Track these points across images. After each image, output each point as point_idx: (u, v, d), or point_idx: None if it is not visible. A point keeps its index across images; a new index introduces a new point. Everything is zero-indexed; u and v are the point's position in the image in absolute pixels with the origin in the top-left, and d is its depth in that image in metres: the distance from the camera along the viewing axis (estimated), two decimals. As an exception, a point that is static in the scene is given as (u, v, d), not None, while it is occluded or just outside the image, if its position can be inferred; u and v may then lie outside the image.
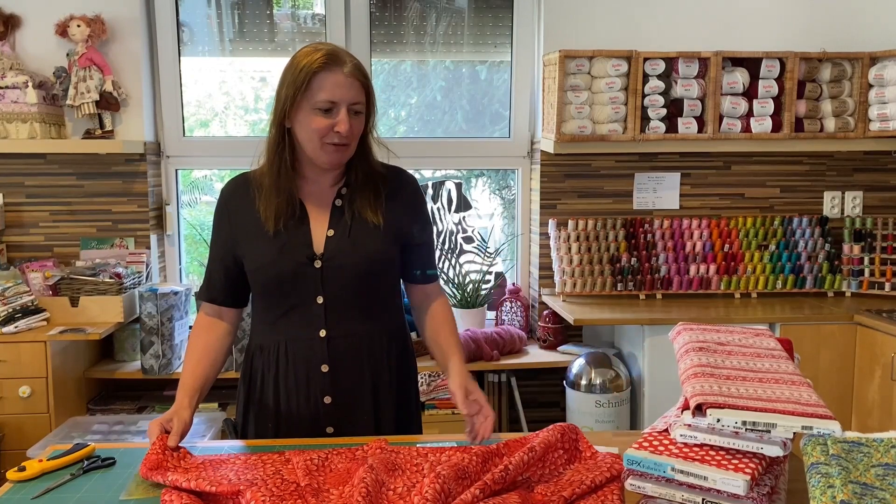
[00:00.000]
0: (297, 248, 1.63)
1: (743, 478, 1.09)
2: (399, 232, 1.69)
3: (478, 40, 3.50)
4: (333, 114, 1.57)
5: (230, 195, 1.72)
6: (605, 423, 2.94)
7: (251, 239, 1.65)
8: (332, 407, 1.66)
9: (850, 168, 3.46)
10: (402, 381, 1.76)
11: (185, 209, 3.49)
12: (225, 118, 3.55)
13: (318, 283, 1.63)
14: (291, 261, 1.63)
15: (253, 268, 1.67)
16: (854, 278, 3.28)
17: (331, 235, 1.64)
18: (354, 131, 1.60)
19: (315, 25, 3.41)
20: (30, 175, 3.18)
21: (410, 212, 1.73)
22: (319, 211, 1.67)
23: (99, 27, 3.03)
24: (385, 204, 1.68)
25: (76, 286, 2.93)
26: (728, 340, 1.40)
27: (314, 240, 1.65)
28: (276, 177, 1.63)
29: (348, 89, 1.56)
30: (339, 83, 1.56)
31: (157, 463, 1.39)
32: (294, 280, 1.63)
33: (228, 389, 3.20)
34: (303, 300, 1.64)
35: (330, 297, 1.64)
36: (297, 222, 1.65)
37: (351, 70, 1.57)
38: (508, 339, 3.20)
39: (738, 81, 3.12)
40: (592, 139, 3.11)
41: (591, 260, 3.24)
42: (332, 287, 1.64)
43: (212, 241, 1.75)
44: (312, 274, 1.63)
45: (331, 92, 1.56)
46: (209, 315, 1.74)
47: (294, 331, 1.66)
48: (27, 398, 2.71)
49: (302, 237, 1.64)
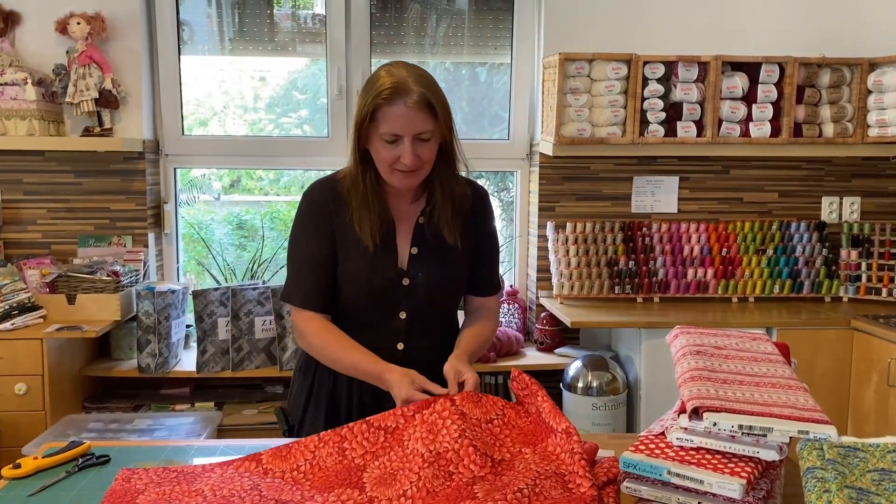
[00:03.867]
0: (387, 265, 1.67)
1: (739, 482, 1.09)
2: (474, 250, 1.75)
3: (478, 42, 3.51)
4: (398, 144, 1.57)
5: (327, 197, 1.70)
6: (602, 426, 2.94)
7: (349, 246, 1.67)
8: None
9: (849, 173, 3.46)
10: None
11: (184, 208, 3.48)
12: (224, 117, 3.55)
13: (403, 299, 1.68)
14: (383, 276, 1.67)
15: (346, 279, 1.69)
16: (851, 284, 3.28)
17: (414, 253, 1.69)
18: (423, 158, 1.60)
19: (315, 25, 3.41)
20: (28, 172, 3.17)
21: (485, 230, 1.78)
22: (405, 227, 1.71)
23: (99, 25, 3.03)
24: (465, 222, 1.71)
25: (73, 284, 2.92)
26: (725, 344, 1.40)
27: (399, 256, 1.69)
28: (365, 194, 1.65)
29: (411, 121, 1.55)
30: (402, 115, 1.55)
31: (122, 492, 1.30)
32: (382, 294, 1.68)
33: (227, 389, 3.20)
34: (386, 314, 1.70)
35: (412, 313, 1.70)
36: (386, 238, 1.68)
37: (416, 101, 1.54)
38: (506, 341, 3.20)
39: (737, 86, 3.12)
40: (591, 142, 3.11)
41: (588, 263, 3.24)
42: (415, 303, 1.69)
43: (307, 244, 1.71)
44: (399, 290, 1.68)
45: (393, 125, 1.55)
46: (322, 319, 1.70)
47: (373, 341, 1.69)
48: (23, 395, 2.71)
49: (391, 254, 1.68)
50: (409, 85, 1.54)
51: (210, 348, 3.01)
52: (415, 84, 1.55)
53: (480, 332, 1.77)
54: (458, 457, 1.29)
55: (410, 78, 1.56)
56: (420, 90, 1.54)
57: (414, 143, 1.56)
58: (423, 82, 1.56)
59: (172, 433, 2.72)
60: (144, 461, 1.48)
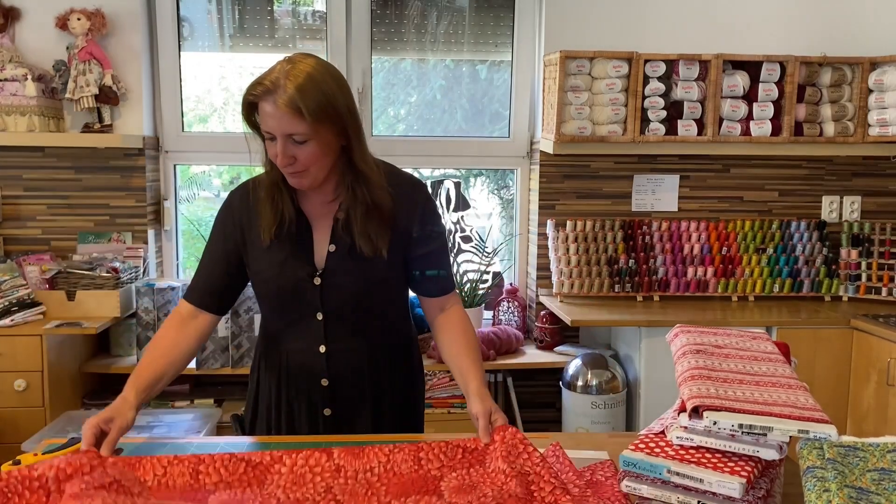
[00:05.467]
0: (298, 263, 1.60)
1: (739, 480, 1.09)
2: (402, 247, 1.63)
3: (478, 39, 3.50)
4: (276, 142, 1.49)
5: (239, 201, 1.67)
6: (601, 425, 2.94)
7: (257, 248, 1.62)
8: (332, 419, 1.66)
9: (849, 173, 3.46)
10: (405, 395, 1.74)
11: (183, 205, 3.48)
12: (224, 114, 3.55)
13: (318, 300, 1.61)
14: (292, 276, 1.60)
15: (256, 279, 1.66)
16: (851, 283, 3.28)
17: (332, 251, 1.61)
18: (300, 159, 1.49)
19: (316, 22, 3.40)
20: (28, 168, 3.17)
21: (418, 226, 1.64)
22: (322, 224, 1.62)
23: (99, 21, 3.03)
24: (389, 219, 1.59)
25: (73, 280, 2.92)
26: (725, 343, 1.40)
27: (316, 254, 1.61)
28: (269, 189, 1.59)
29: (279, 121, 1.45)
30: (271, 114, 1.45)
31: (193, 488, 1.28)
32: (294, 295, 1.61)
33: (227, 386, 3.20)
34: (302, 315, 1.63)
35: (329, 314, 1.62)
36: (301, 235, 1.61)
37: (283, 102, 1.44)
38: (505, 339, 3.20)
39: (738, 84, 3.12)
40: (592, 140, 3.11)
41: (588, 261, 3.24)
42: (332, 304, 1.61)
43: (212, 243, 1.68)
44: (312, 290, 1.60)
45: (265, 122, 1.48)
46: (185, 313, 1.65)
47: (295, 344, 1.65)
48: (22, 391, 2.71)
49: (304, 251, 1.61)
50: (282, 84, 1.44)
51: (209, 345, 3.01)
52: (291, 84, 1.44)
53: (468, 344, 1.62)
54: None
55: (291, 76, 1.45)
56: (291, 92, 1.43)
57: (287, 142, 1.47)
58: (303, 83, 1.44)
59: (172, 430, 2.72)
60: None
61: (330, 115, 1.47)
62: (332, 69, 1.54)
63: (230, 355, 3.02)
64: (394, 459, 1.35)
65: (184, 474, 1.31)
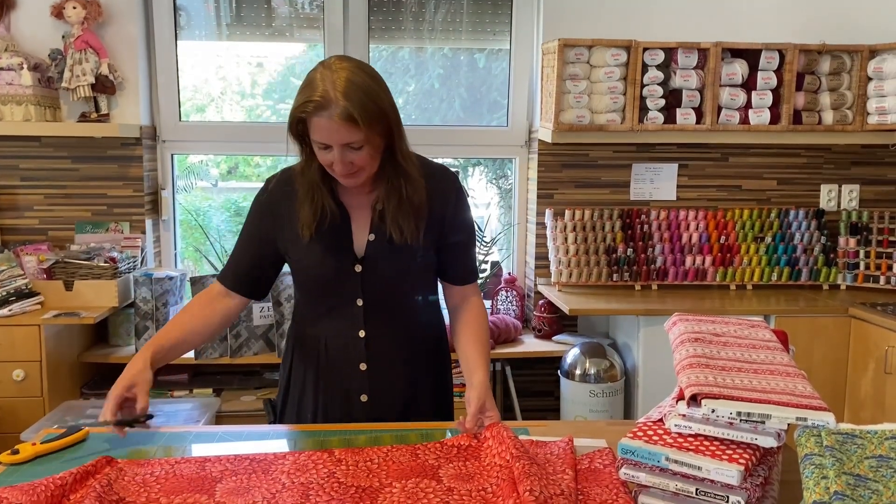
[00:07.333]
0: (339, 253, 1.65)
1: (737, 468, 1.09)
2: (436, 235, 1.69)
3: (476, 28, 3.49)
4: (331, 151, 1.53)
5: (278, 190, 1.70)
6: (599, 413, 2.95)
7: (297, 238, 1.66)
8: (369, 405, 1.70)
9: (848, 161, 3.46)
10: (438, 383, 1.80)
11: (181, 194, 3.47)
12: (221, 103, 3.53)
13: (359, 287, 1.66)
14: (334, 264, 1.65)
15: (297, 267, 1.70)
16: (849, 271, 3.28)
17: (371, 240, 1.66)
18: (357, 164, 1.54)
19: (313, 11, 3.39)
20: (24, 158, 3.16)
21: (450, 215, 1.70)
22: (361, 213, 1.67)
23: (95, 9, 3.01)
24: (425, 208, 1.65)
25: (70, 270, 2.92)
26: (724, 331, 1.40)
27: (356, 243, 1.66)
28: (310, 185, 1.63)
29: (336, 133, 1.49)
30: (326, 127, 1.49)
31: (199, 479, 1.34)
32: (335, 283, 1.66)
33: (225, 375, 3.20)
34: (343, 301, 1.68)
35: (369, 301, 1.67)
36: (340, 225, 1.66)
37: (339, 115, 1.47)
38: (503, 328, 3.20)
39: (737, 73, 3.11)
40: (590, 129, 3.10)
41: (587, 250, 3.24)
42: (371, 290, 1.67)
43: (247, 229, 1.73)
44: (353, 277, 1.66)
45: (320, 135, 1.51)
46: (214, 292, 1.74)
47: (334, 329, 1.69)
48: (21, 382, 2.71)
49: (345, 241, 1.66)
50: (333, 97, 1.47)
51: (208, 335, 3.01)
52: (340, 95, 1.47)
53: (479, 337, 1.71)
54: (321, 489, 1.29)
55: (338, 87, 1.48)
56: (344, 104, 1.46)
57: (344, 150, 1.52)
58: (350, 91, 1.48)
59: (170, 419, 2.72)
60: (142, 446, 1.49)
61: (379, 118, 1.53)
62: (369, 69, 1.58)
63: (229, 345, 3.02)
64: (392, 454, 1.43)
65: (190, 466, 1.38)
